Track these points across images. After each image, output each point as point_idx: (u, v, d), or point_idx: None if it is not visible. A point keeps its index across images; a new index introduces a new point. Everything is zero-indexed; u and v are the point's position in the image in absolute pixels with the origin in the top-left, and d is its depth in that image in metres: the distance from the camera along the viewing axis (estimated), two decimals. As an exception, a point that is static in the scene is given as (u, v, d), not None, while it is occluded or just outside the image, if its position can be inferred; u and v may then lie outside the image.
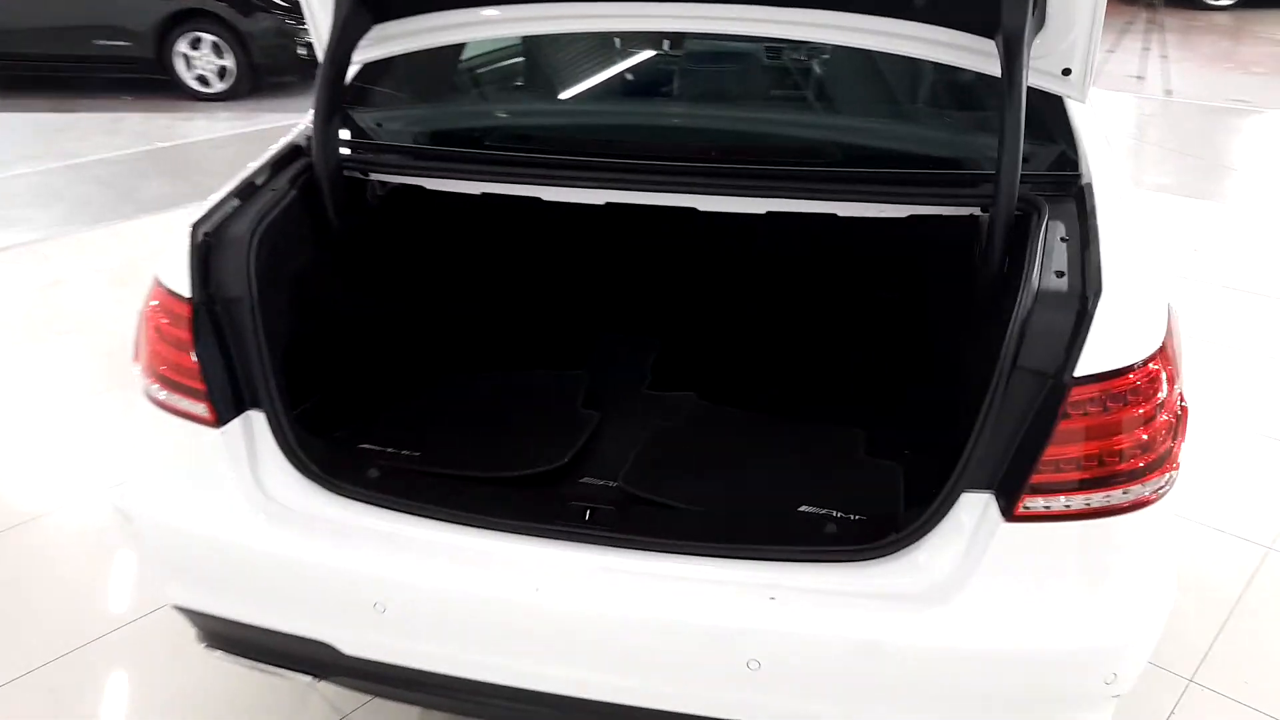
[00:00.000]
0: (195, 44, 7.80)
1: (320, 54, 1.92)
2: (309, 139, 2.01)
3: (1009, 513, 1.42)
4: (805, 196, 1.80)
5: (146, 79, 8.00)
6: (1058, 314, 1.44)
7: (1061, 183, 1.75)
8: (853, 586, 1.47)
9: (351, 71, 2.03)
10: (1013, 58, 1.61)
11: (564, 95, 2.46)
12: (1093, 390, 1.40)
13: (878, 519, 1.65)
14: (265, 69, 8.00)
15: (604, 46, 2.42)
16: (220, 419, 1.67)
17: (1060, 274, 1.50)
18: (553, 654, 1.55)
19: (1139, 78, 8.20)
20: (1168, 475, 1.46)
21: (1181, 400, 1.52)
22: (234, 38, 7.75)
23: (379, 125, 2.18)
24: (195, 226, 1.71)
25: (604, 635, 1.52)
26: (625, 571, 1.52)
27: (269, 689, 2.20)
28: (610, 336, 2.42)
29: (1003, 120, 1.61)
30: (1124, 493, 1.42)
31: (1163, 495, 1.47)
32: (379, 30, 1.95)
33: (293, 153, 1.99)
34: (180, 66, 7.87)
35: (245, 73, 7.87)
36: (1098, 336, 1.40)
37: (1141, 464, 1.43)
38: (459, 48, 2.34)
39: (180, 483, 1.71)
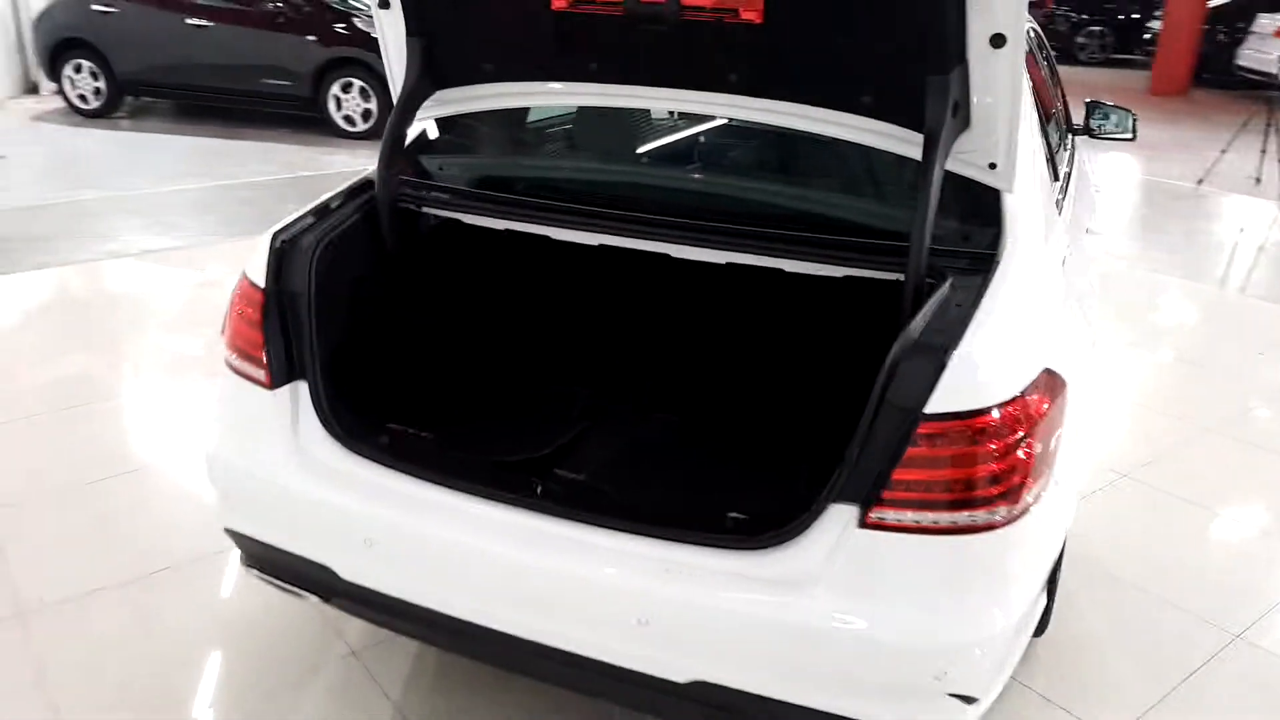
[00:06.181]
0: (346, 88, 8.71)
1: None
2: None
3: (861, 521, 1.73)
4: (757, 252, 2.18)
5: (301, 116, 8.97)
6: (922, 361, 1.72)
7: (981, 260, 2.02)
8: (732, 569, 1.79)
9: (427, 123, 2.54)
10: (930, 149, 1.93)
11: (577, 155, 2.95)
12: (938, 426, 1.68)
13: (771, 520, 1.98)
14: (405, 114, 8.82)
15: (613, 120, 2.89)
16: (274, 384, 2.14)
17: (938, 330, 1.79)
18: (488, 595, 1.93)
19: (1256, 180, 8.11)
20: (1006, 509, 1.72)
21: (1042, 448, 1.77)
22: (380, 84, 8.59)
23: (440, 169, 2.67)
24: (275, 235, 2.21)
25: (529, 582, 1.89)
26: (554, 534, 1.89)
27: (298, 624, 2.66)
28: (611, 360, 2.81)
29: (919, 199, 1.92)
30: (967, 516, 1.69)
31: (1005, 525, 1.72)
32: (439, 95, 2.44)
33: (364, 185, 2.49)
34: (331, 107, 8.79)
35: (387, 116, 8.69)
36: (948, 382, 1.68)
37: (981, 494, 1.70)
38: (505, 111, 2.81)
39: (240, 430, 2.19)
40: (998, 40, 1.83)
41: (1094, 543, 3.12)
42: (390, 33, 2.40)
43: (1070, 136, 4.03)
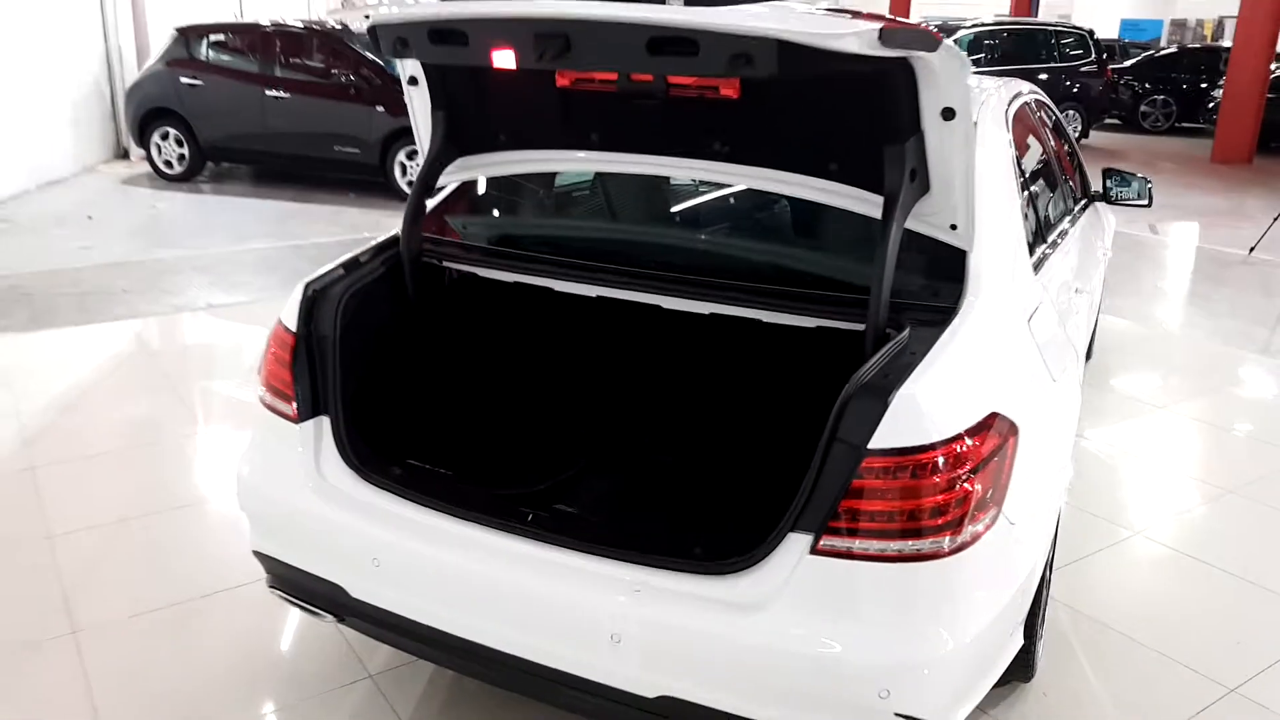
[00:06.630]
0: (411, 155, 9.16)
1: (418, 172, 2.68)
2: None
3: (813, 548, 1.87)
4: (738, 304, 2.35)
5: (368, 181, 9.45)
6: (868, 400, 1.88)
7: (944, 313, 2.17)
8: (698, 592, 1.94)
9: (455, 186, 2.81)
10: (890, 210, 2.11)
11: (581, 217, 3.21)
12: (881, 461, 1.83)
13: (736, 547, 2.12)
14: (465, 180, 9.31)
15: (613, 187, 3.12)
16: (300, 417, 2.37)
17: (887, 374, 1.96)
18: (479, 612, 2.09)
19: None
20: (950, 540, 1.85)
21: (987, 485, 1.91)
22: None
23: (465, 227, 2.91)
24: (308, 285, 2.46)
25: (515, 601, 2.05)
26: (539, 558, 2.06)
27: (323, 650, 2.85)
28: (610, 402, 2.99)
29: (878, 255, 2.08)
30: (912, 545, 1.83)
31: (950, 555, 1.85)
32: (461, 161, 2.69)
33: (392, 242, 2.74)
34: (396, 173, 9.25)
35: (447, 181, 9.17)
36: (891, 420, 1.84)
37: (926, 525, 1.83)
38: (524, 177, 3.05)
39: (268, 459, 2.42)
40: (948, 113, 2.01)
41: (1097, 596, 3.17)
42: (419, 106, 2.67)
43: (1088, 203, 4.16)
